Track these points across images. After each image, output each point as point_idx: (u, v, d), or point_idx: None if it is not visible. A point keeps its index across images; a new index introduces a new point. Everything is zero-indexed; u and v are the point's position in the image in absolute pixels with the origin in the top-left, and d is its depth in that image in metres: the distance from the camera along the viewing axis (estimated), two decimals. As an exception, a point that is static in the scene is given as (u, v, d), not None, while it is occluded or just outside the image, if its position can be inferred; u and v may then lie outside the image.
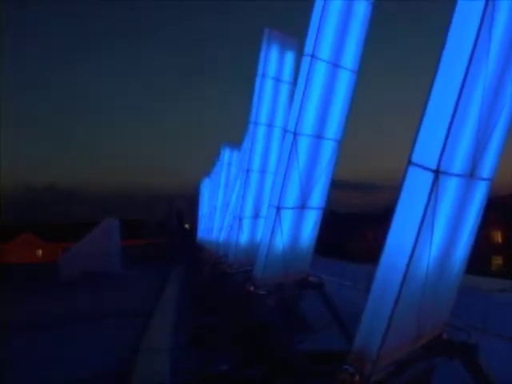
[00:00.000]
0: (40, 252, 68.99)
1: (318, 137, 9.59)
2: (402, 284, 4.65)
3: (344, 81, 9.41)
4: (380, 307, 4.83)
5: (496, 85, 4.78)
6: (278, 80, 12.88)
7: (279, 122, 13.17)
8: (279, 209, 9.63)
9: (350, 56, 9.29)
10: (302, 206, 9.95)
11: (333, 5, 8.80)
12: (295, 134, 9.26)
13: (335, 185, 10.75)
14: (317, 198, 10.11)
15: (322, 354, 9.52)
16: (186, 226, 77.22)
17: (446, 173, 4.68)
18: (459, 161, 4.84)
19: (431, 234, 4.82)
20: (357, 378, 4.75)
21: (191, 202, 63.36)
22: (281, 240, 9.95)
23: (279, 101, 13.07)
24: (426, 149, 4.65)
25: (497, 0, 4.43)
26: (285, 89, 13.05)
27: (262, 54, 12.48)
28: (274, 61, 12.67)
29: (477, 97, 4.65)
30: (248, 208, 13.60)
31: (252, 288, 10.09)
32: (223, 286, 15.19)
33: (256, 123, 13.06)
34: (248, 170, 13.29)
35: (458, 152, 4.78)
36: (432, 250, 4.98)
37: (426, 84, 4.79)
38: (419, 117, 4.72)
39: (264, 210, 12.54)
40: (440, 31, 4.83)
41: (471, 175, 5.11)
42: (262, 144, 13.32)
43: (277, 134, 13.20)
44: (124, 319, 20.02)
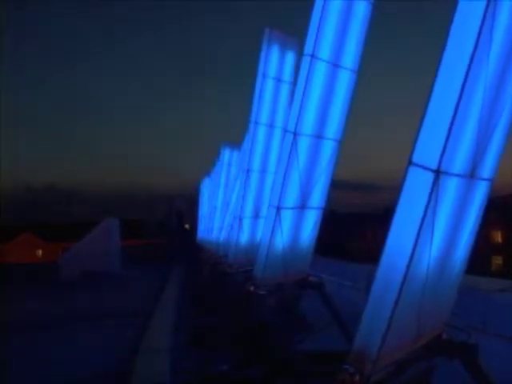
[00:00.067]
0: (40, 252, 68.97)
1: (318, 137, 9.58)
2: (403, 284, 4.65)
3: (344, 81, 9.41)
4: (380, 307, 4.83)
5: (497, 85, 4.78)
6: (279, 80, 12.88)
7: (279, 122, 13.17)
8: (279, 209, 9.63)
9: (350, 56, 9.29)
10: (302, 206, 9.95)
11: (333, 5, 8.80)
12: (295, 134, 9.26)
13: (335, 185, 10.76)
14: (317, 198, 10.11)
15: (322, 354, 9.52)
16: (186, 226, 77.23)
17: (447, 173, 4.68)
18: (460, 161, 4.84)
19: (431, 234, 4.82)
20: (357, 378, 4.76)
21: (191, 202, 63.38)
22: (281, 240, 9.95)
23: (279, 101, 13.07)
24: (427, 149, 4.65)
25: (498, 0, 4.43)
26: (285, 89, 13.04)
27: (263, 54, 12.48)
28: (275, 61, 12.67)
29: (477, 97, 4.65)
30: (248, 208, 13.60)
31: (252, 288, 10.09)
32: (223, 286, 15.18)
33: (256, 123, 13.06)
34: (248, 170, 13.29)
35: (459, 152, 4.78)
36: (432, 250, 4.98)
37: (426, 84, 4.79)
38: (419, 117, 4.72)
39: (264, 210, 12.54)
40: (440, 31, 4.84)
41: (472, 175, 5.11)
42: (263, 144, 13.32)
43: (277, 134, 13.20)
44: (124, 319, 20.01)
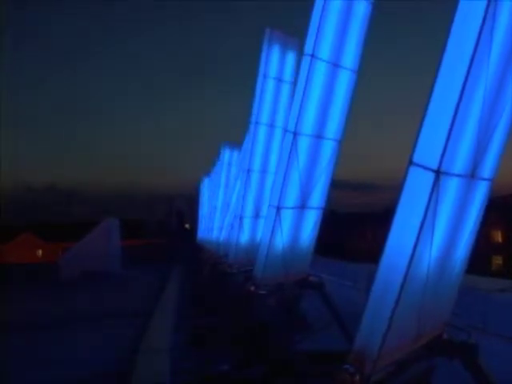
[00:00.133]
0: (40, 252, 69.00)
1: (318, 137, 9.58)
2: (403, 284, 4.65)
3: (344, 81, 9.41)
4: (380, 307, 4.83)
5: (497, 85, 4.78)
6: (280, 80, 12.87)
7: (280, 122, 13.16)
8: (279, 209, 9.62)
9: (350, 56, 9.28)
10: (302, 206, 9.95)
11: (333, 5, 8.79)
12: (295, 134, 9.26)
13: (335, 185, 10.76)
14: (317, 198, 10.11)
15: (322, 354, 9.52)
16: (186, 226, 77.28)
17: (447, 173, 4.68)
18: (460, 161, 4.84)
19: (432, 234, 4.82)
20: (357, 378, 4.75)
21: (191, 202, 63.45)
22: (281, 240, 9.95)
23: (280, 101, 13.06)
24: (427, 149, 4.65)
25: (498, 1, 4.43)
26: (286, 89, 13.04)
27: (263, 54, 12.47)
28: (276, 61, 12.66)
29: (478, 97, 4.64)
30: (248, 208, 13.60)
31: (252, 288, 10.09)
32: (223, 286, 15.19)
33: (257, 123, 13.05)
34: (249, 170, 13.29)
35: (459, 152, 4.78)
36: (433, 250, 4.97)
37: (427, 84, 4.79)
38: (420, 117, 4.72)
39: (264, 210, 12.54)
40: (440, 31, 4.84)
41: (472, 175, 5.11)
42: (263, 144, 13.32)
43: (278, 134, 13.19)
44: (124, 319, 20.01)
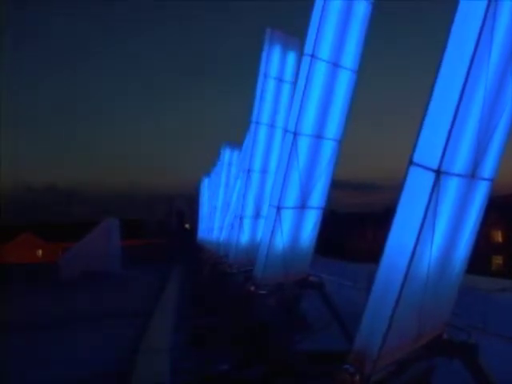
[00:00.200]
0: (40, 252, 68.98)
1: (318, 137, 9.58)
2: (403, 284, 4.65)
3: (344, 80, 9.41)
4: (381, 307, 4.83)
5: (497, 85, 4.78)
6: (280, 80, 12.87)
7: (281, 123, 13.15)
8: (279, 209, 9.63)
9: (350, 56, 9.28)
10: (302, 206, 9.95)
11: (333, 5, 8.80)
12: (295, 134, 9.26)
13: (335, 185, 10.76)
14: (317, 198, 10.11)
15: (322, 354, 9.52)
16: (186, 226, 77.27)
17: (448, 173, 4.68)
18: (460, 161, 4.84)
19: (432, 234, 4.82)
20: (357, 378, 4.75)
21: (191, 202, 63.45)
22: (281, 240, 9.95)
23: (281, 101, 13.06)
24: (428, 149, 4.65)
25: (499, 1, 4.43)
26: (287, 89, 13.03)
27: (264, 54, 12.46)
28: (276, 61, 12.66)
29: (478, 97, 4.65)
30: (249, 208, 13.61)
31: (252, 288, 10.09)
32: (223, 286, 15.18)
33: (257, 123, 13.05)
34: (249, 170, 13.28)
35: (460, 152, 4.78)
36: (433, 250, 4.97)
37: (427, 84, 4.79)
38: (420, 117, 4.72)
39: (265, 210, 12.54)
40: (440, 31, 4.84)
41: (472, 175, 5.11)
42: (264, 144, 13.32)
43: (278, 134, 13.18)
44: (124, 319, 20.01)
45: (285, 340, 10.25)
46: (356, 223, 65.51)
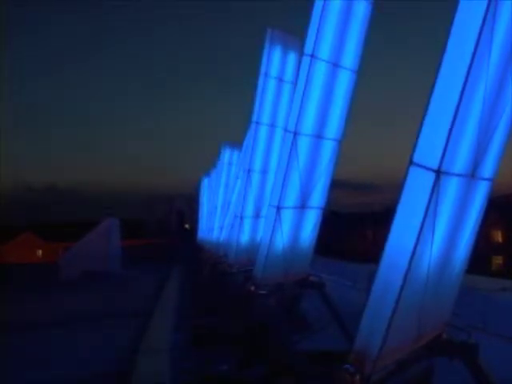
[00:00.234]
0: (40, 252, 68.99)
1: (318, 136, 9.58)
2: (403, 284, 4.65)
3: (344, 80, 9.41)
4: (381, 307, 4.83)
5: (497, 85, 4.78)
6: (281, 80, 12.87)
7: (281, 122, 13.14)
8: (279, 208, 9.63)
9: (350, 56, 9.29)
10: (302, 206, 9.95)
11: (333, 5, 8.80)
12: (295, 134, 9.26)
13: (335, 185, 10.76)
14: (317, 198, 10.11)
15: (322, 354, 9.51)
16: (186, 226, 77.30)
17: (448, 173, 4.68)
18: (460, 161, 4.84)
19: (432, 234, 4.82)
20: (357, 378, 4.75)
21: (191, 202, 63.50)
22: (281, 240, 9.95)
23: (281, 101, 13.06)
24: (428, 149, 4.65)
25: (499, 1, 4.43)
26: (287, 88, 13.03)
27: (265, 54, 12.46)
28: (277, 60, 12.66)
29: (478, 97, 4.64)
30: (249, 208, 13.61)
31: (252, 288, 10.09)
32: (223, 286, 15.18)
33: (258, 123, 13.04)
34: (249, 170, 13.28)
35: (460, 152, 4.78)
36: (433, 250, 4.97)
37: (427, 84, 4.79)
38: (420, 117, 4.72)
39: (265, 210, 12.54)
40: (440, 31, 4.83)
41: (472, 175, 5.11)
42: (264, 144, 13.31)
43: (278, 134, 13.18)
44: (124, 319, 20.00)
45: (285, 340, 10.24)
46: (356, 223, 65.50)
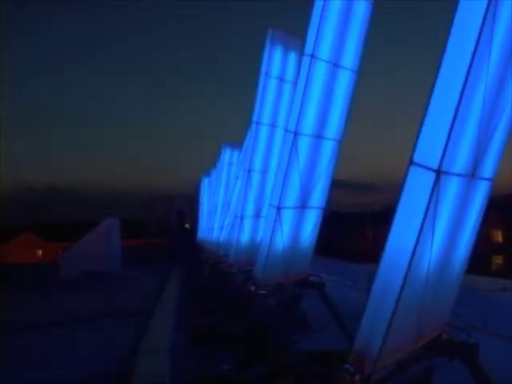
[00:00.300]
0: (40, 252, 69.00)
1: (318, 137, 9.58)
2: (403, 284, 4.65)
3: (344, 80, 9.41)
4: (381, 307, 4.82)
5: (497, 85, 4.78)
6: (281, 80, 12.86)
7: (282, 122, 13.13)
8: (279, 208, 9.62)
9: (350, 56, 9.29)
10: (303, 206, 9.95)
11: (333, 5, 8.80)
12: (295, 134, 9.26)
13: (335, 185, 10.75)
14: (317, 198, 10.11)
15: (322, 354, 9.50)
16: (187, 226, 77.33)
17: (448, 173, 4.68)
18: (460, 161, 4.84)
19: (432, 234, 4.82)
20: (357, 378, 4.75)
21: (191, 202, 63.52)
22: (281, 240, 9.95)
23: (282, 101, 13.05)
24: (428, 149, 4.65)
25: (499, 0, 4.42)
26: (288, 88, 13.02)
27: (266, 54, 12.45)
28: (278, 60, 12.65)
29: (478, 97, 4.64)
30: (249, 208, 13.60)
31: (252, 288, 10.09)
32: (223, 286, 15.18)
33: (258, 123, 13.03)
34: (250, 170, 13.28)
35: (460, 152, 4.78)
36: (433, 250, 4.97)
37: (427, 84, 4.79)
38: (420, 117, 4.72)
39: (265, 210, 12.54)
40: (440, 31, 4.83)
41: (472, 175, 5.11)
42: (265, 144, 13.31)
43: (279, 134, 13.17)
44: (124, 319, 20.00)
45: (285, 340, 10.24)
46: (356, 223, 65.51)
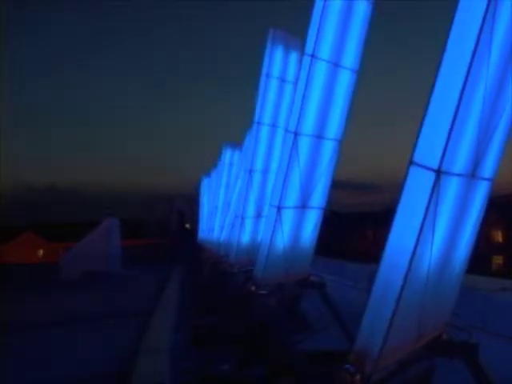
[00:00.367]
0: (41, 252, 69.05)
1: (319, 137, 9.59)
2: (404, 284, 4.65)
3: (344, 80, 9.42)
4: (381, 307, 4.83)
5: (497, 85, 4.79)
6: (282, 80, 12.87)
7: (283, 123, 13.14)
8: (280, 208, 9.63)
9: (351, 56, 9.29)
10: (303, 206, 9.96)
11: (333, 5, 8.80)
12: (296, 134, 9.27)
13: (336, 185, 10.76)
14: (317, 198, 10.11)
15: (323, 354, 9.51)
16: (187, 226, 77.37)
17: (448, 172, 4.68)
18: (461, 160, 4.84)
19: (432, 234, 4.82)
20: (357, 378, 4.75)
21: (191, 202, 63.59)
22: (281, 240, 9.95)
23: (283, 101, 13.05)
24: (428, 149, 4.65)
25: (499, 0, 4.43)
26: (289, 89, 13.02)
27: (267, 54, 12.45)
28: (279, 61, 12.64)
29: (478, 97, 4.65)
30: (250, 208, 13.61)
31: (253, 288, 10.09)
32: (224, 286, 15.19)
33: (259, 123, 13.04)
34: (251, 170, 13.29)
35: (460, 152, 4.78)
36: (433, 250, 4.97)
37: (427, 84, 4.79)
38: (420, 117, 4.72)
39: (266, 210, 12.54)
40: (440, 31, 4.84)
41: (472, 175, 5.11)
42: (265, 144, 13.32)
43: (280, 134, 13.17)
44: (124, 319, 20.00)
45: (285, 340, 10.25)
46: (356, 223, 65.56)
